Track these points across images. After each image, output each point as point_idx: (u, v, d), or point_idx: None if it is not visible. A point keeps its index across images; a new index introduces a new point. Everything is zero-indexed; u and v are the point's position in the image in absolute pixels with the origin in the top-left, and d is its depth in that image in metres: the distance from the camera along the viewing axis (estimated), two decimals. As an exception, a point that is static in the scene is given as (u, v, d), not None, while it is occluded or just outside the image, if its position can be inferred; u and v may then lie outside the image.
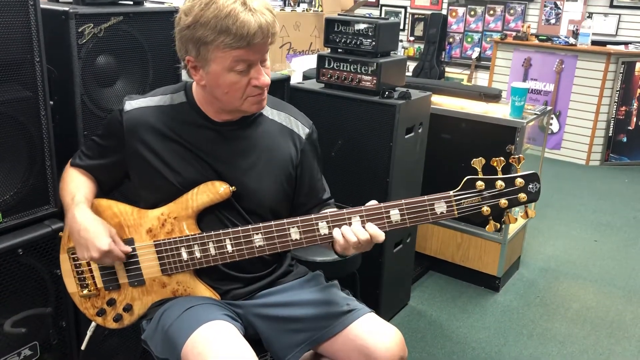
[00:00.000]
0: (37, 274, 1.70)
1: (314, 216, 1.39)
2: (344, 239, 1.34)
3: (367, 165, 2.54)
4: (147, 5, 1.99)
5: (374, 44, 2.46)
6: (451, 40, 6.85)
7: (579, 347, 2.69)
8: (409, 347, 1.64)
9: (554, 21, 6.13)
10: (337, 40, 2.56)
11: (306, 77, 3.04)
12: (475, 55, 6.63)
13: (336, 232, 1.36)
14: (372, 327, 1.45)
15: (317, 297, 1.54)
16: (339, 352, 1.46)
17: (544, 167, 3.53)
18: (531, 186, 1.33)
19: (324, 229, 1.38)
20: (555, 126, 5.64)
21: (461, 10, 6.71)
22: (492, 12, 6.53)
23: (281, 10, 4.71)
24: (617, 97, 5.38)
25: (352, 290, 1.63)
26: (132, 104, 1.51)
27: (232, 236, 1.43)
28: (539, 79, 5.64)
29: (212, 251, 1.45)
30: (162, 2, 3.70)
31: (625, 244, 3.83)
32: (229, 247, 1.43)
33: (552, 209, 4.33)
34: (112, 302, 1.56)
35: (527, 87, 3.02)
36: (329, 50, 2.64)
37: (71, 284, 1.58)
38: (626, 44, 5.46)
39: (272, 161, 1.51)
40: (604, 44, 5.42)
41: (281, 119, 1.56)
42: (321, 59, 2.61)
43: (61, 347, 1.81)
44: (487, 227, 1.37)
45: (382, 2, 7.27)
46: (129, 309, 1.55)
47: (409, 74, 6.41)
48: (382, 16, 7.14)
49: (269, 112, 1.56)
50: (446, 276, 3.27)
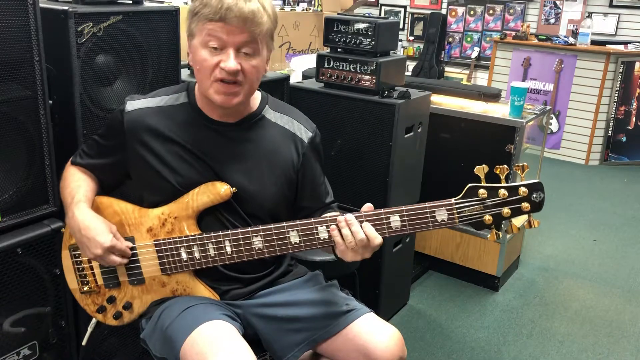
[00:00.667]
0: (36, 274, 1.70)
1: (313, 220, 1.39)
2: (341, 237, 1.33)
3: (367, 164, 2.54)
4: (147, 4, 1.98)
5: (374, 43, 2.46)
6: (451, 39, 6.85)
7: (578, 346, 2.69)
8: (408, 346, 1.64)
9: (553, 21, 6.13)
10: (337, 39, 2.56)
11: (306, 76, 3.04)
12: (474, 54, 6.63)
13: (334, 232, 1.35)
14: (372, 327, 1.45)
15: (316, 296, 1.54)
16: (338, 352, 1.46)
17: (543, 167, 3.54)
18: (535, 195, 1.29)
19: (323, 233, 1.38)
20: (554, 126, 5.65)
21: (461, 9, 6.71)
22: (491, 11, 6.53)
23: (280, 9, 4.71)
24: (616, 97, 5.39)
25: (351, 289, 1.63)
26: (133, 105, 1.50)
27: (231, 238, 1.42)
28: (538, 79, 5.64)
29: (212, 252, 1.45)
30: (162, 1, 3.70)
31: (624, 244, 3.83)
32: (228, 249, 1.43)
33: (551, 209, 4.33)
34: (112, 300, 1.56)
35: (527, 87, 3.02)
36: (329, 49, 2.64)
37: (72, 281, 1.59)
38: (625, 43, 5.46)
39: (273, 164, 1.51)
40: (604, 43, 5.43)
41: (284, 122, 1.55)
42: (321, 59, 2.60)
43: (60, 346, 1.81)
44: (489, 236, 1.34)
45: (381, 1, 7.27)
46: (128, 306, 1.55)
47: (409, 73, 6.41)
48: (382, 16, 7.14)
49: (272, 114, 1.55)
50: (445, 276, 3.27)
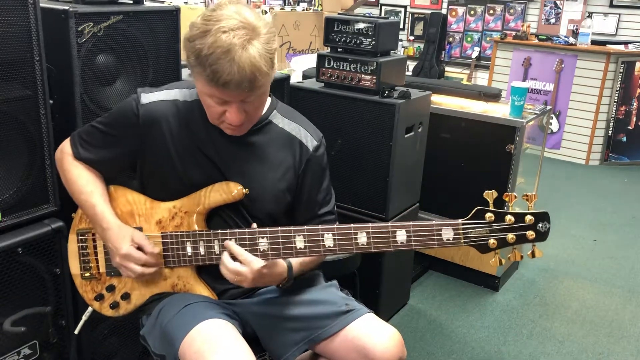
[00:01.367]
0: (36, 273, 1.70)
1: (320, 227, 1.40)
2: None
3: (367, 164, 2.54)
4: (147, 4, 1.98)
5: (374, 43, 2.46)
6: (451, 39, 6.85)
7: (578, 346, 2.69)
8: (408, 346, 1.64)
9: (553, 21, 6.13)
10: (337, 39, 2.56)
11: (306, 76, 3.05)
12: (475, 54, 6.63)
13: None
14: (371, 328, 1.45)
15: (315, 296, 1.54)
16: (337, 352, 1.46)
17: (543, 167, 3.53)
18: (540, 225, 1.31)
19: (329, 240, 1.39)
20: (555, 126, 5.64)
21: (461, 9, 6.71)
22: (492, 11, 6.53)
23: (281, 9, 4.71)
24: (616, 97, 5.39)
25: (351, 289, 1.63)
26: (149, 97, 1.49)
27: (238, 237, 1.43)
28: (538, 79, 5.64)
29: (216, 249, 1.45)
30: (162, 1, 3.70)
31: (624, 244, 3.83)
32: None
33: (551, 209, 4.29)
34: (111, 288, 1.57)
35: (527, 87, 3.02)
36: (329, 49, 2.64)
37: (74, 265, 1.61)
38: (626, 43, 5.46)
39: (276, 168, 1.52)
40: (604, 43, 5.43)
41: (291, 128, 1.56)
42: (321, 58, 2.60)
43: (60, 346, 1.81)
44: (492, 261, 1.36)
45: (382, 1, 7.27)
46: (126, 297, 1.56)
47: (409, 73, 6.41)
48: (382, 15, 7.14)
49: (280, 120, 1.56)
50: (446, 275, 3.27)
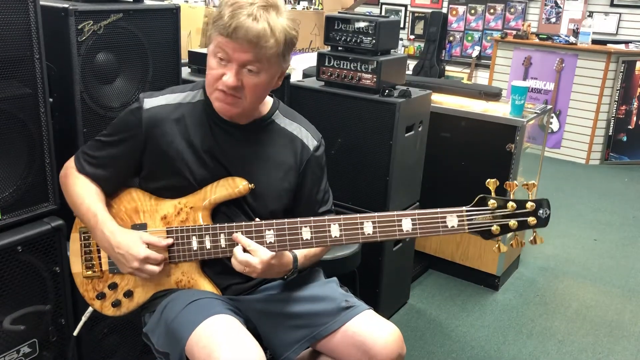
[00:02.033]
0: (36, 272, 1.70)
1: (327, 217, 1.42)
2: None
3: (367, 163, 2.54)
4: (147, 2, 1.98)
5: (374, 42, 2.46)
6: (451, 38, 6.85)
7: (578, 345, 2.69)
8: (408, 345, 1.64)
9: (554, 20, 6.13)
10: (337, 38, 2.56)
11: (306, 75, 3.04)
12: (475, 53, 6.63)
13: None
14: (371, 324, 1.45)
15: (316, 293, 1.55)
16: (338, 349, 1.47)
17: (543, 166, 3.53)
18: (541, 211, 1.36)
19: (335, 231, 1.40)
20: (555, 125, 5.64)
21: (461, 8, 6.70)
22: (492, 10, 6.53)
23: (281, 8, 4.71)
24: (617, 96, 5.38)
25: (351, 288, 1.63)
26: (152, 102, 1.51)
27: (244, 229, 1.44)
28: (539, 78, 5.63)
29: (223, 243, 1.46)
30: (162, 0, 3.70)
31: (624, 243, 3.83)
32: None
33: (551, 208, 4.31)
34: (113, 286, 1.57)
35: (527, 86, 3.02)
36: (329, 48, 2.64)
37: (76, 264, 1.60)
38: (626, 43, 5.46)
39: (278, 167, 1.55)
40: (605, 43, 5.42)
41: (293, 128, 1.59)
42: (321, 57, 2.60)
43: (60, 344, 1.81)
44: (494, 248, 1.40)
45: (382, 0, 7.26)
46: (129, 295, 1.56)
47: (409, 72, 6.41)
48: (382, 14, 7.13)
49: (281, 120, 1.59)
50: (445, 275, 3.27)
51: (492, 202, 1.35)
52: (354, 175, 2.59)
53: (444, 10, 6.76)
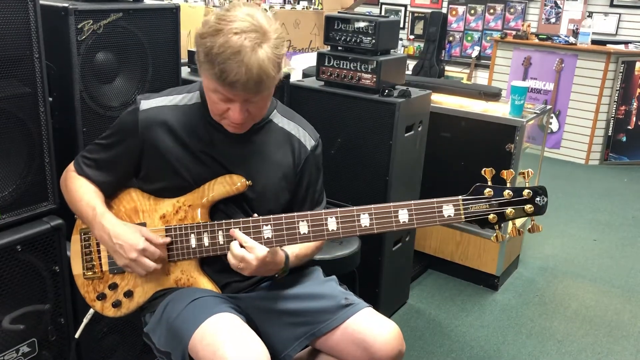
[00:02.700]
0: (35, 271, 1.70)
1: (323, 211, 1.42)
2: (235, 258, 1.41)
3: (367, 163, 2.54)
4: (147, 1, 1.98)
5: (374, 42, 2.46)
6: (451, 38, 6.85)
7: (578, 346, 2.69)
8: (407, 345, 1.64)
9: (554, 20, 6.13)
10: (337, 38, 2.56)
11: (306, 75, 3.04)
12: (475, 54, 6.63)
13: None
14: (371, 321, 1.46)
15: (315, 290, 1.55)
16: (337, 347, 1.47)
17: (543, 166, 3.53)
18: (538, 199, 1.35)
19: (332, 224, 1.40)
20: (554, 125, 5.64)
21: (461, 8, 6.70)
22: (492, 10, 6.53)
23: (281, 8, 4.71)
24: (616, 97, 5.38)
25: (351, 288, 1.63)
26: (149, 103, 1.51)
27: (242, 226, 1.44)
28: (538, 78, 5.63)
29: (221, 240, 1.47)
30: (162, -1, 3.69)
31: (623, 243, 3.83)
32: None
33: (551, 208, 4.29)
34: (114, 287, 1.57)
35: (527, 86, 3.02)
36: (329, 48, 2.64)
37: (77, 265, 1.61)
38: (626, 43, 5.46)
39: (276, 166, 1.55)
40: (604, 43, 5.42)
41: (290, 127, 1.59)
42: (321, 57, 2.60)
43: (59, 344, 1.80)
44: (492, 237, 1.41)
45: (382, 0, 7.26)
46: (129, 294, 1.56)
47: (409, 72, 6.41)
48: (382, 14, 7.13)
49: (279, 119, 1.59)
50: (445, 275, 3.27)
51: (488, 191, 1.35)
52: (353, 175, 2.59)
53: (444, 10, 6.76)
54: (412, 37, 7.09)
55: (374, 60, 2.46)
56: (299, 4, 5.18)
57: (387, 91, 2.47)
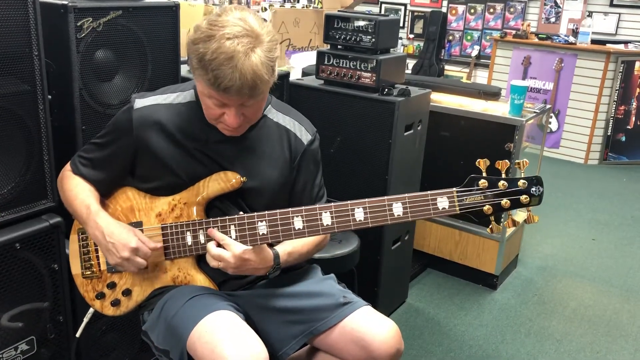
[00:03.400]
0: (34, 269, 1.70)
1: (318, 206, 1.41)
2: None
3: (366, 162, 2.54)
4: (147, -1, 1.98)
5: (374, 40, 2.45)
6: (451, 38, 6.84)
7: (576, 345, 2.69)
8: (406, 344, 1.64)
9: (553, 20, 6.13)
10: (337, 36, 2.56)
11: (305, 73, 3.04)
12: (474, 53, 6.63)
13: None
14: (369, 320, 1.46)
15: (314, 288, 1.55)
16: (336, 345, 1.47)
17: (542, 166, 3.53)
18: (534, 189, 1.33)
19: (327, 219, 1.39)
20: (554, 125, 5.64)
21: (461, 8, 6.70)
22: (492, 10, 6.52)
23: (281, 6, 4.70)
24: (616, 96, 5.38)
25: (350, 287, 1.63)
26: (143, 102, 1.51)
27: (237, 222, 1.44)
28: (538, 78, 5.63)
29: None
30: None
31: (622, 243, 3.83)
32: (233, 234, 1.44)
33: (550, 208, 4.33)
34: (112, 286, 1.58)
35: (527, 86, 3.02)
36: (329, 46, 2.63)
37: (75, 265, 1.61)
38: (626, 43, 5.46)
39: (272, 162, 1.54)
40: (604, 42, 5.42)
41: (286, 122, 1.59)
42: (321, 56, 2.60)
43: (58, 341, 1.80)
44: (489, 228, 1.38)
45: (382, -1, 7.26)
46: (127, 293, 1.56)
47: (408, 71, 6.41)
48: (382, 13, 7.13)
49: (275, 114, 1.59)
50: (444, 274, 3.27)
51: (482, 182, 1.34)
52: (352, 173, 2.59)
53: (444, 9, 6.75)
54: (411, 36, 7.09)
55: (373, 59, 2.46)
56: (298, 2, 5.18)
57: (386, 90, 2.47)
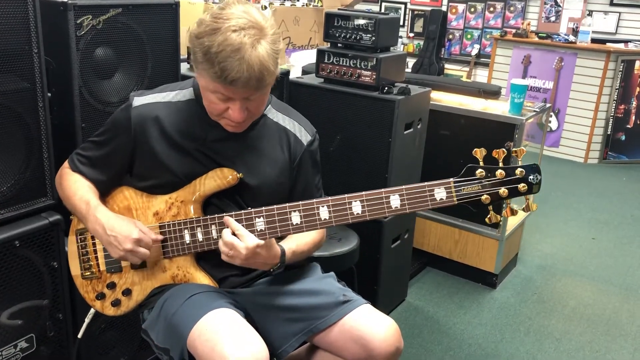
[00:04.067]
0: (33, 266, 1.70)
1: (315, 200, 1.41)
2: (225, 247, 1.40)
3: (366, 160, 2.54)
4: (146, -3, 1.98)
5: (374, 39, 2.45)
6: (451, 36, 6.84)
7: (576, 344, 2.69)
8: (405, 343, 1.64)
9: (554, 19, 6.13)
10: (337, 35, 2.56)
11: (305, 72, 3.04)
12: (474, 52, 6.63)
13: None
14: (369, 318, 1.46)
15: (313, 286, 1.55)
16: (336, 343, 1.47)
17: (542, 165, 3.52)
18: (532, 177, 1.32)
19: (324, 213, 1.39)
20: (554, 124, 5.64)
21: (461, 6, 6.70)
22: (492, 9, 6.52)
23: (281, 4, 4.70)
24: (616, 96, 5.38)
25: (349, 285, 1.63)
26: (142, 100, 1.51)
27: (235, 218, 1.44)
28: (538, 77, 5.63)
29: (214, 234, 1.46)
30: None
31: (622, 242, 3.84)
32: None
33: (550, 207, 4.33)
34: (112, 286, 1.57)
35: (527, 84, 3.02)
36: (329, 45, 2.63)
37: (75, 266, 1.61)
38: (626, 42, 5.46)
39: (272, 161, 1.54)
40: (604, 42, 5.42)
41: (286, 123, 1.58)
42: (321, 54, 2.60)
43: (57, 339, 1.80)
44: (487, 217, 1.37)
45: (382, -3, 7.26)
46: (127, 293, 1.56)
47: (408, 70, 6.40)
48: (382, 11, 7.12)
49: (274, 114, 1.58)
50: (444, 272, 3.27)
51: (479, 172, 1.33)
52: (352, 172, 2.59)
53: (444, 8, 6.75)
54: (411, 34, 7.09)
55: (373, 57, 2.45)
56: (298, 0, 5.17)
57: (386, 88, 2.46)
